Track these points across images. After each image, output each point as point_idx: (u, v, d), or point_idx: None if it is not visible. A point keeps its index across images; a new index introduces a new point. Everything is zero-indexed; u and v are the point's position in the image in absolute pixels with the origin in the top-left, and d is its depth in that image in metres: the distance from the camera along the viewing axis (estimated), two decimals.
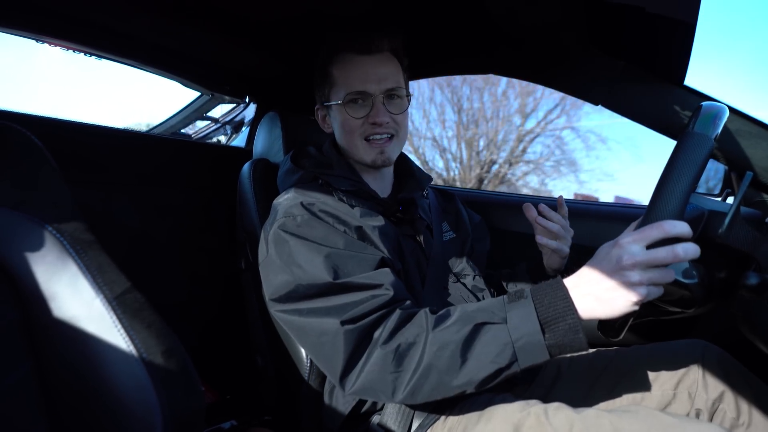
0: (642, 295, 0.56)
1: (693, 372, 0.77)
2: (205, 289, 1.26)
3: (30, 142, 0.56)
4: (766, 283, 0.57)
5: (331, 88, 0.87)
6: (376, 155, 0.86)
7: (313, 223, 0.75)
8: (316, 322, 0.68)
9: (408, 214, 0.89)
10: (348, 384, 0.67)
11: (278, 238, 0.75)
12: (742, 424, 0.72)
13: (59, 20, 0.94)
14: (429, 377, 0.63)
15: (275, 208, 0.81)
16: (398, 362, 0.64)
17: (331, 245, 0.72)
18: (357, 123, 0.84)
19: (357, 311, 0.67)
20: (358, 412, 0.78)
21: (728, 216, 0.58)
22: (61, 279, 0.50)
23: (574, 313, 0.59)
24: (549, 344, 0.60)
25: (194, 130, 1.53)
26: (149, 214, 1.14)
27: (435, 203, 1.01)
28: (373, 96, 0.83)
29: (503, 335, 0.61)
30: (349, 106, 0.84)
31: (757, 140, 0.83)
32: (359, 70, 0.84)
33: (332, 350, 0.66)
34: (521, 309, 0.62)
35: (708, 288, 0.61)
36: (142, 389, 0.48)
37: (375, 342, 0.66)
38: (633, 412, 0.61)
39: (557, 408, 0.65)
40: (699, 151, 0.57)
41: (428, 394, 0.64)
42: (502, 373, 0.61)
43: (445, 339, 0.63)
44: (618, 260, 0.57)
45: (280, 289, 0.72)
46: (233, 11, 0.96)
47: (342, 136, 0.88)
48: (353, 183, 0.85)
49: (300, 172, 0.87)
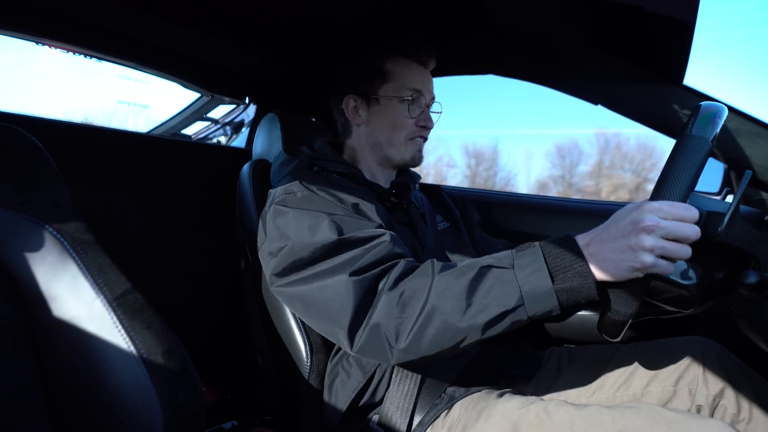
0: (649, 263, 0.54)
1: (693, 368, 0.77)
2: (205, 289, 1.26)
3: (31, 143, 0.56)
4: (765, 282, 0.57)
5: (384, 83, 0.90)
6: (415, 152, 0.92)
7: (312, 197, 0.76)
8: (323, 284, 0.68)
9: (401, 198, 0.91)
10: (356, 339, 0.66)
11: (277, 211, 0.76)
12: (742, 420, 0.72)
13: (59, 22, 0.94)
14: (432, 320, 0.61)
15: (271, 194, 0.82)
16: (402, 307, 0.63)
17: (332, 212, 0.73)
18: (409, 122, 0.90)
19: (363, 262, 0.67)
20: (357, 405, 0.78)
21: (727, 214, 0.58)
22: (62, 279, 0.50)
23: (583, 261, 0.57)
24: (557, 288, 0.57)
25: (194, 131, 1.53)
26: (149, 214, 1.14)
27: (426, 198, 1.04)
28: (424, 99, 0.91)
29: (509, 278, 0.59)
30: (404, 103, 0.89)
31: (756, 139, 0.83)
32: (419, 75, 0.91)
33: (341, 303, 0.66)
34: (529, 256, 0.60)
35: (706, 288, 0.61)
36: (143, 390, 0.48)
37: (380, 292, 0.65)
38: (635, 407, 0.61)
39: (557, 404, 0.65)
40: (696, 154, 0.57)
41: (431, 340, 0.61)
42: (507, 316, 0.59)
43: (449, 282, 0.62)
44: (638, 221, 0.55)
45: (283, 260, 0.72)
46: (233, 13, 0.96)
47: (384, 131, 0.91)
48: (347, 167, 0.88)
49: (295, 161, 0.88)
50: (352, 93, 0.92)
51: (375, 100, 0.91)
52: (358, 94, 0.92)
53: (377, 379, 0.78)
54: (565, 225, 1.25)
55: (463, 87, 9.85)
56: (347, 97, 0.93)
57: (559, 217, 1.31)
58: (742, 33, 21.09)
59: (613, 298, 0.59)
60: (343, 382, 0.80)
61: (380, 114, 0.90)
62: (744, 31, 20.80)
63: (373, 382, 0.78)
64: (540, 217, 1.31)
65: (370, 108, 0.91)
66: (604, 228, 0.59)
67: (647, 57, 0.89)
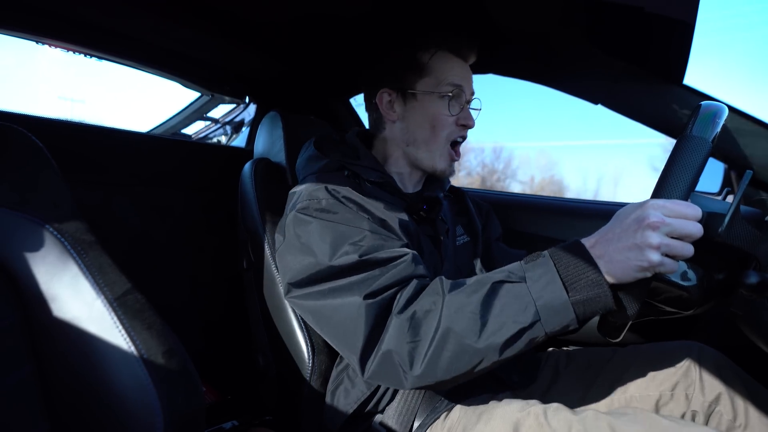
0: (655, 262, 0.53)
1: (690, 374, 0.77)
2: (206, 289, 1.26)
3: (31, 142, 0.56)
4: (766, 282, 0.57)
5: (422, 77, 0.84)
6: (448, 165, 0.87)
7: (337, 207, 0.72)
8: (337, 302, 0.66)
9: (432, 212, 0.87)
10: (368, 364, 0.63)
11: (299, 220, 0.72)
12: (738, 426, 0.72)
13: (60, 21, 0.94)
14: (447, 343, 0.58)
15: (295, 195, 0.78)
16: (415, 331, 0.60)
17: (356, 225, 0.70)
18: (449, 120, 0.84)
19: (378, 284, 0.64)
20: (360, 413, 0.77)
21: (728, 215, 0.57)
22: (62, 279, 0.50)
23: (595, 268, 0.56)
24: (573, 300, 0.56)
25: (194, 131, 1.53)
26: (150, 214, 1.14)
27: (448, 205, 0.99)
28: (464, 95, 0.85)
29: (523, 292, 0.57)
30: (444, 99, 0.83)
31: (756, 139, 0.83)
32: (460, 69, 0.86)
33: (353, 328, 0.64)
34: (540, 267, 0.58)
35: (706, 289, 0.61)
36: (143, 390, 0.48)
37: (391, 315, 0.63)
38: (631, 414, 0.61)
39: (556, 409, 0.65)
40: (697, 154, 0.57)
41: (448, 364, 0.59)
42: (525, 333, 0.57)
43: (462, 300, 0.60)
44: (642, 219, 0.54)
45: (303, 271, 0.69)
46: (234, 12, 0.96)
47: (422, 129, 0.85)
48: (380, 175, 0.82)
49: (325, 160, 0.83)
50: (387, 87, 0.87)
51: (412, 95, 0.85)
52: (393, 89, 0.86)
53: (381, 391, 0.77)
54: (577, 225, 1.24)
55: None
56: (381, 91, 0.87)
57: (572, 219, 1.28)
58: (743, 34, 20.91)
59: (616, 299, 0.59)
60: (346, 391, 0.78)
61: (417, 110, 0.85)
62: (744, 33, 20.65)
63: (377, 394, 0.77)
64: (557, 219, 1.28)
65: (406, 103, 0.86)
66: (608, 228, 0.58)
67: (647, 57, 0.89)
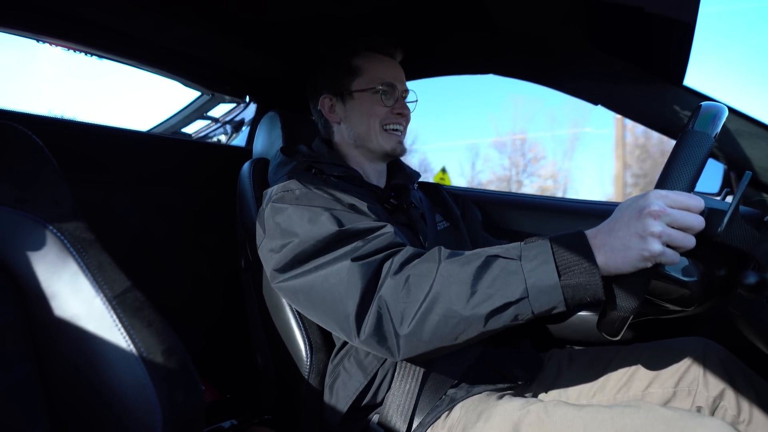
0: (656, 251, 0.53)
1: (694, 369, 0.77)
2: (205, 288, 1.26)
3: (31, 141, 0.56)
4: (764, 282, 0.57)
5: (355, 78, 0.92)
6: (396, 144, 0.92)
7: (311, 195, 0.77)
8: (327, 272, 0.68)
9: (401, 200, 0.91)
10: (364, 324, 0.64)
11: (276, 209, 0.76)
12: (742, 422, 0.72)
13: (60, 20, 0.94)
14: (436, 306, 0.60)
15: (268, 192, 0.82)
16: (408, 291, 0.62)
17: (331, 207, 0.74)
18: (384, 111, 0.91)
19: (364, 250, 0.67)
20: (359, 405, 0.78)
21: (727, 215, 0.58)
22: (62, 278, 0.50)
23: (591, 258, 0.56)
24: (564, 283, 0.56)
25: (194, 130, 1.53)
26: (149, 213, 1.14)
27: (424, 197, 1.03)
28: (398, 91, 0.92)
29: (515, 268, 0.58)
30: (378, 93, 0.90)
31: (756, 140, 0.83)
32: (389, 67, 0.94)
33: (345, 291, 0.65)
34: (537, 248, 0.59)
35: (707, 286, 0.61)
36: (143, 388, 0.48)
37: (385, 276, 0.65)
38: (633, 407, 0.61)
39: (557, 404, 0.65)
40: (699, 149, 0.57)
41: (434, 327, 0.60)
42: (511, 307, 0.58)
43: (455, 269, 0.61)
44: (644, 207, 0.54)
45: (287, 254, 0.71)
46: (233, 11, 0.96)
47: (361, 123, 0.91)
48: (345, 170, 0.88)
49: (293, 162, 0.88)
50: (327, 92, 0.94)
51: (349, 96, 0.92)
52: (332, 93, 0.94)
53: (379, 379, 0.77)
54: (565, 225, 1.25)
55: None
56: (323, 98, 0.95)
57: (559, 216, 1.31)
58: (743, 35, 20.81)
59: (615, 293, 0.58)
60: (344, 383, 0.79)
61: (356, 108, 0.92)
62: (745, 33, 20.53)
63: (374, 383, 0.78)
64: (540, 217, 1.31)
65: (345, 104, 0.93)
66: (610, 219, 0.59)
67: (647, 57, 0.89)
